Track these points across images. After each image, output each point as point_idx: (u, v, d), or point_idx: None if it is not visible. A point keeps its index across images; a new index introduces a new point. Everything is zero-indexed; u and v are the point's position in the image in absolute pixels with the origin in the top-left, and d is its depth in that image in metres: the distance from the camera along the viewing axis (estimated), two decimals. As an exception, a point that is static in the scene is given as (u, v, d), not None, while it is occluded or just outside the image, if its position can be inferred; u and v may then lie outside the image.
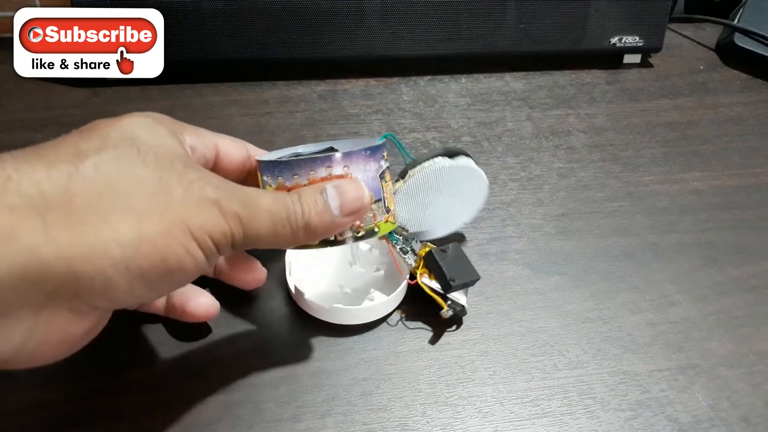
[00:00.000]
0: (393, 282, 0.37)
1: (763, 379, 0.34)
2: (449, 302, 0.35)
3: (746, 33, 0.64)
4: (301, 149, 0.35)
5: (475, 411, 0.31)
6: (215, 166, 0.31)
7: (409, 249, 0.36)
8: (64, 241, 0.22)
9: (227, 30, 0.54)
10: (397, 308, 0.36)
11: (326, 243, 0.30)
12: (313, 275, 0.37)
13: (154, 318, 0.34)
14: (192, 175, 0.25)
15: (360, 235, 0.31)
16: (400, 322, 0.35)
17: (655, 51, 0.64)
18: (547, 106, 0.56)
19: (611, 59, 0.63)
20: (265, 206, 0.26)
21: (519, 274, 0.39)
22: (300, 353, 0.34)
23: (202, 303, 0.32)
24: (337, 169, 0.29)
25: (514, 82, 0.60)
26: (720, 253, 0.42)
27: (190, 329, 0.34)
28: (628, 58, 0.64)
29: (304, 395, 0.31)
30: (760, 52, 0.63)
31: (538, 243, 0.42)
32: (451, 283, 0.34)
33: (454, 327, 0.35)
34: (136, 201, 0.23)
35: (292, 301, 0.36)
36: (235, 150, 0.31)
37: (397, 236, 0.36)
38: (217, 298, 0.36)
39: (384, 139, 0.33)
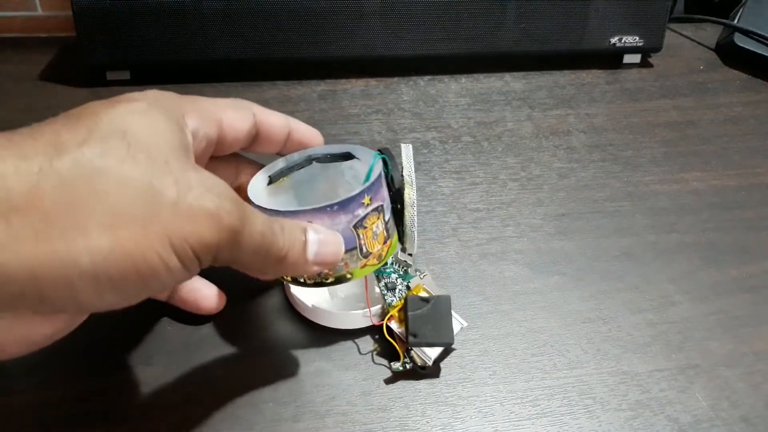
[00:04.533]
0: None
1: (763, 379, 0.34)
2: (410, 355, 0.32)
3: (746, 33, 0.64)
4: (318, 152, 0.34)
5: (475, 411, 0.31)
6: (218, 143, 0.29)
7: (397, 286, 0.34)
8: (27, 247, 0.19)
9: (227, 30, 0.54)
10: (375, 343, 0.34)
11: (296, 282, 0.31)
12: None
13: (154, 319, 0.34)
14: (191, 177, 0.22)
15: (329, 281, 0.30)
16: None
17: (655, 51, 0.64)
18: (547, 106, 0.56)
19: (611, 59, 0.63)
20: (259, 227, 0.24)
21: (519, 274, 0.39)
22: (300, 353, 0.34)
23: (207, 295, 0.32)
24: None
25: (514, 82, 0.60)
26: (720, 253, 0.42)
27: (189, 331, 0.34)
28: (628, 58, 0.64)
29: (304, 395, 0.31)
30: (760, 52, 0.63)
31: (538, 243, 0.42)
32: (411, 337, 0.31)
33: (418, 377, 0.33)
34: (116, 205, 0.21)
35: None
36: (240, 122, 0.29)
37: (391, 268, 0.35)
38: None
39: (379, 162, 0.32)
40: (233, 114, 0.29)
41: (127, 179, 0.21)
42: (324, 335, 0.34)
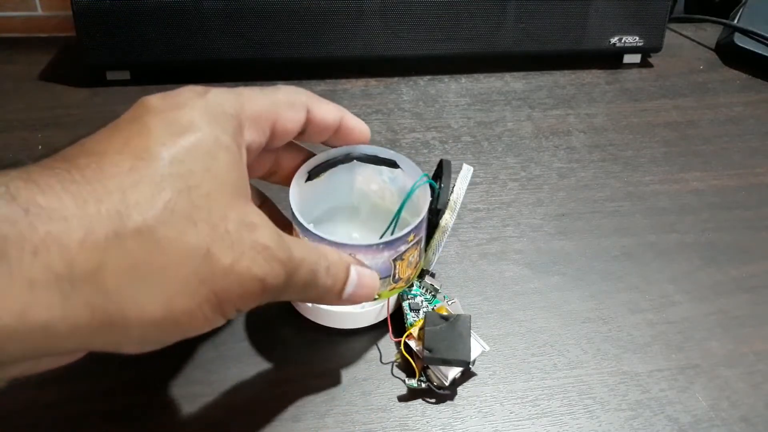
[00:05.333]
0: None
1: (763, 379, 0.34)
2: (427, 373, 0.31)
3: (746, 33, 0.64)
4: (361, 151, 0.33)
5: (475, 411, 0.31)
6: (268, 143, 0.28)
7: (421, 308, 0.34)
8: (82, 321, 0.20)
9: (227, 30, 0.54)
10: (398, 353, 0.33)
11: None
12: None
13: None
14: (246, 239, 0.23)
15: None
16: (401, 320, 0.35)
17: (655, 51, 0.64)
18: (547, 106, 0.56)
19: (611, 59, 0.63)
20: (303, 276, 0.25)
21: (519, 274, 0.39)
22: (300, 353, 0.34)
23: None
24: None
25: (514, 82, 0.60)
26: (720, 253, 0.42)
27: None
28: (628, 58, 0.64)
29: (304, 395, 0.31)
30: (760, 52, 0.63)
31: (538, 243, 0.42)
32: (425, 352, 0.31)
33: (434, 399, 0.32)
34: (174, 279, 0.21)
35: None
36: (292, 123, 0.29)
37: (419, 291, 0.35)
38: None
39: (424, 181, 0.32)
40: (287, 114, 0.28)
41: (187, 250, 0.21)
42: (324, 335, 0.34)
